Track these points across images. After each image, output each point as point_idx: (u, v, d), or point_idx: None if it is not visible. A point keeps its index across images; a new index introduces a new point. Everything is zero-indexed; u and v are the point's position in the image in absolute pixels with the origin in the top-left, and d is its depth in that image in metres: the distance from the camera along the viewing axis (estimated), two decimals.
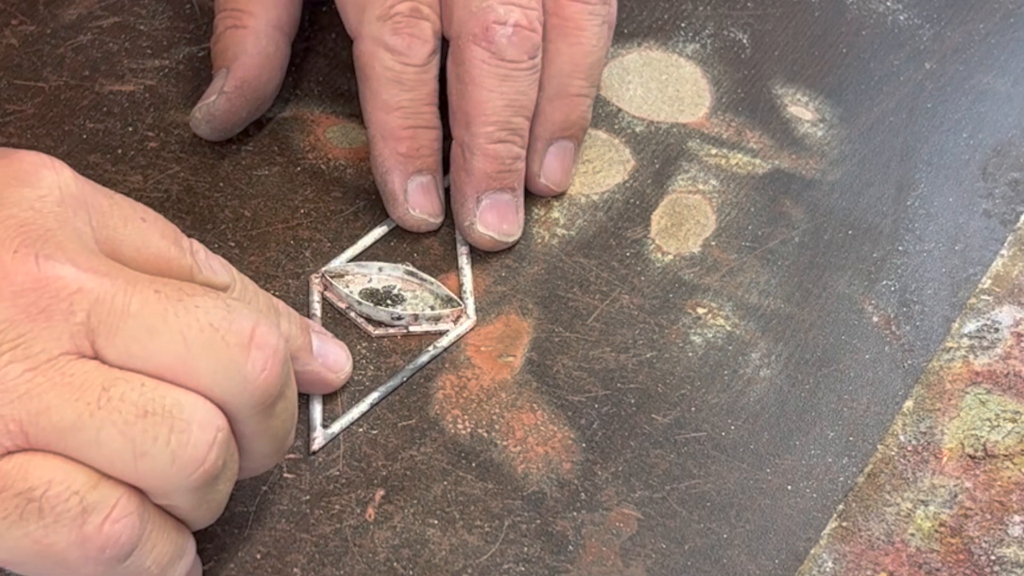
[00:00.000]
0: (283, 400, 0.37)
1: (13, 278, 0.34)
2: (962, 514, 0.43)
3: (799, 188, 0.51)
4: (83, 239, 0.35)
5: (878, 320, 0.48)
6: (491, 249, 0.48)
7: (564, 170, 0.49)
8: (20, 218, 0.34)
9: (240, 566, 0.41)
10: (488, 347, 0.46)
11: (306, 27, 0.54)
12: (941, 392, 0.46)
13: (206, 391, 0.35)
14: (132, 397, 0.34)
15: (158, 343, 0.34)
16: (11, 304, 0.33)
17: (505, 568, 0.41)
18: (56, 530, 0.33)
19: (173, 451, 0.34)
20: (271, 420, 0.37)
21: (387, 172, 0.48)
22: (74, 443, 0.33)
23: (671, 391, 0.46)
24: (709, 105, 0.53)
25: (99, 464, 0.34)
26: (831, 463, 0.44)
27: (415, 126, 0.47)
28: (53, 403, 0.33)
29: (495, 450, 0.44)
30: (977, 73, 0.55)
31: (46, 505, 0.33)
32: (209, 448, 0.34)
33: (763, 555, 0.42)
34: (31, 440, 0.33)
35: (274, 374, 0.35)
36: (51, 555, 0.34)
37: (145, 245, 0.37)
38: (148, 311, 0.34)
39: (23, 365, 0.33)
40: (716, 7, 0.56)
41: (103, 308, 0.34)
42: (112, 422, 0.33)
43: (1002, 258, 0.50)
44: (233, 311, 0.35)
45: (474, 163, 0.47)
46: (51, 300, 0.34)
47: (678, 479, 0.44)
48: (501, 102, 0.47)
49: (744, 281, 0.48)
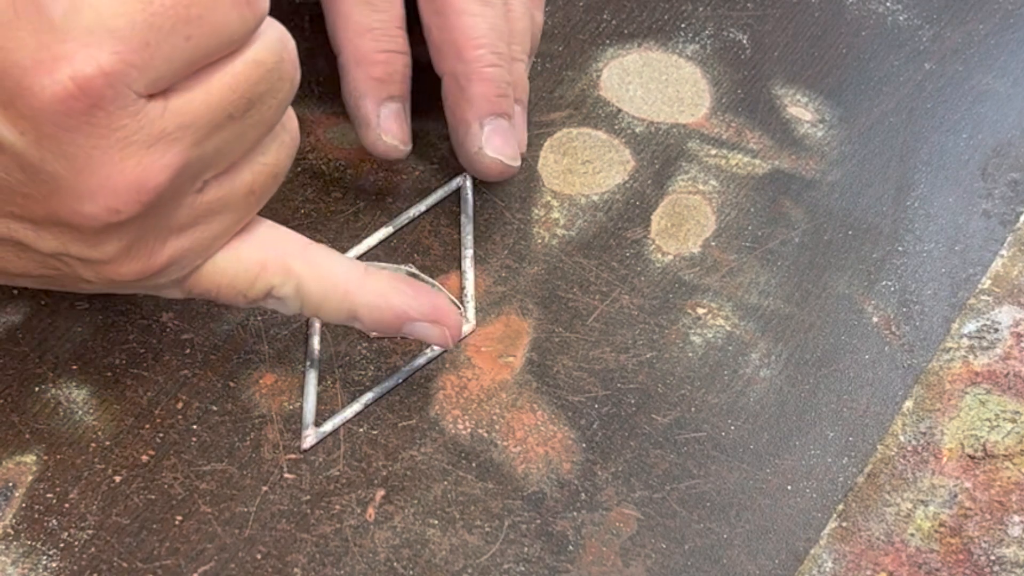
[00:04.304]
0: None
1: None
2: (962, 514, 0.43)
3: (799, 188, 0.51)
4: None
5: (878, 320, 0.48)
6: (499, 177, 0.48)
7: (520, 131, 0.49)
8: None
9: (240, 566, 0.41)
10: (488, 347, 0.46)
11: (306, 27, 0.54)
12: (941, 392, 0.46)
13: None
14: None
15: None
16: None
17: (505, 568, 0.41)
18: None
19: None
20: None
21: (360, 97, 0.47)
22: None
23: (671, 391, 0.46)
24: (709, 106, 0.54)
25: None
26: (831, 463, 0.44)
27: (388, 50, 0.47)
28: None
29: (495, 450, 0.44)
30: (977, 73, 0.55)
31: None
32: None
33: (763, 555, 0.42)
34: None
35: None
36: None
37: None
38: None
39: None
40: (716, 8, 0.56)
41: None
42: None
43: (1002, 258, 0.50)
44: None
45: (472, 89, 0.47)
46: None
47: (678, 479, 0.44)
48: (486, 25, 0.47)
49: (744, 281, 0.49)
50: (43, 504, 0.42)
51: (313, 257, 0.41)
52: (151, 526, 0.42)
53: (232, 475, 0.43)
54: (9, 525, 0.41)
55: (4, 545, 0.41)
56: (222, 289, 0.40)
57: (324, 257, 0.41)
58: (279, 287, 0.40)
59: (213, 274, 0.40)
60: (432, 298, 0.42)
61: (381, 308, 0.42)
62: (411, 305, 0.42)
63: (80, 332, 0.45)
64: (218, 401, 0.44)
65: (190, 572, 0.41)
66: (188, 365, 0.45)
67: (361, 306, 0.41)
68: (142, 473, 0.42)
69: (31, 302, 0.46)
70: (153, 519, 0.42)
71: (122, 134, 0.35)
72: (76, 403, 0.44)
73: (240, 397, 0.44)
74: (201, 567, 0.41)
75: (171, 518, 0.42)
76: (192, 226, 0.38)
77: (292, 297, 0.41)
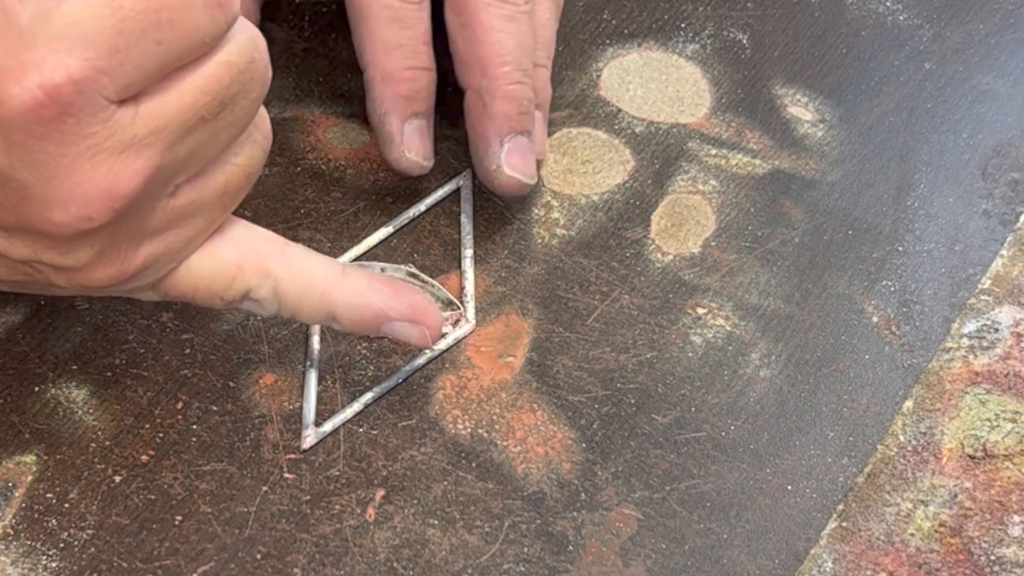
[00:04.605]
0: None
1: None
2: (962, 514, 0.43)
3: (799, 188, 0.51)
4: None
5: (878, 320, 0.48)
6: (516, 194, 0.48)
7: (540, 138, 0.50)
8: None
9: (240, 566, 0.41)
10: (488, 347, 0.46)
11: (306, 27, 0.54)
12: (941, 392, 0.46)
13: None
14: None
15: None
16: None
17: (505, 568, 0.41)
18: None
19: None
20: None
21: (385, 114, 0.48)
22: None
23: (671, 391, 0.46)
24: (709, 105, 0.54)
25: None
26: (831, 463, 0.44)
27: (415, 67, 0.47)
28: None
29: (495, 450, 0.44)
30: (977, 73, 0.55)
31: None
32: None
33: (763, 555, 0.42)
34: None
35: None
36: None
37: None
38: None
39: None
40: (716, 7, 0.56)
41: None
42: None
43: (1002, 258, 0.50)
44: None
45: (495, 107, 0.47)
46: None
47: (678, 479, 0.44)
48: (512, 42, 0.47)
49: (744, 281, 0.49)
50: (43, 504, 0.42)
51: (290, 257, 0.40)
52: (151, 526, 0.42)
53: (232, 475, 0.43)
54: (9, 525, 0.41)
55: (4, 545, 0.41)
56: (198, 292, 0.40)
57: (301, 257, 0.41)
58: (256, 289, 0.40)
59: (189, 277, 0.39)
60: (411, 297, 0.42)
61: (359, 307, 0.41)
62: (389, 304, 0.41)
63: (80, 332, 0.45)
64: (218, 401, 0.44)
65: (190, 572, 0.41)
66: (188, 365, 0.45)
67: (339, 306, 0.41)
68: (142, 473, 0.42)
69: (31, 302, 0.46)
70: (153, 519, 0.42)
71: (92, 141, 0.34)
72: (76, 403, 0.44)
73: (240, 397, 0.44)
74: (201, 567, 0.41)
75: (171, 518, 0.42)
76: (165, 230, 0.38)
77: (269, 299, 0.40)
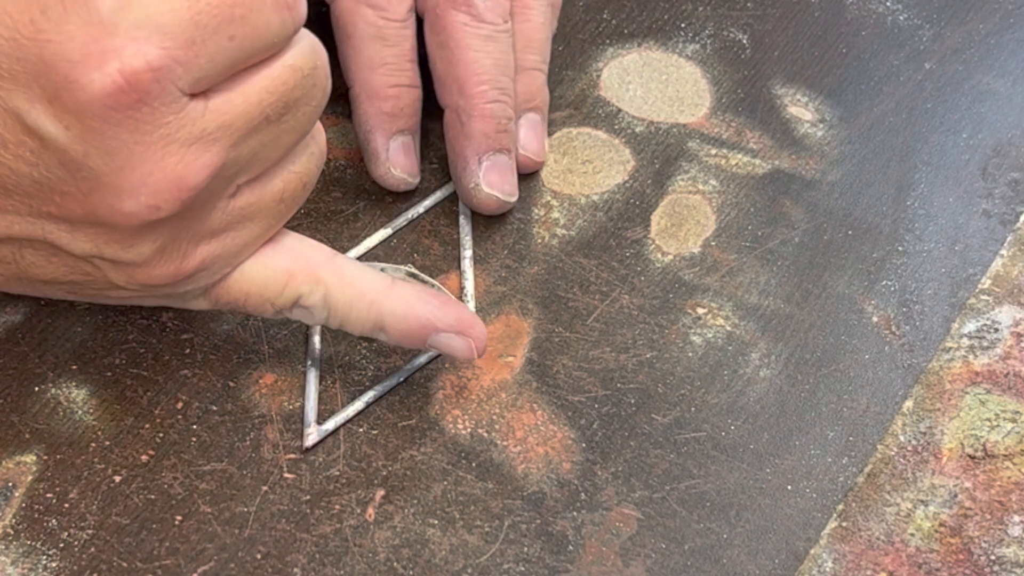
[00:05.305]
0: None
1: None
2: (962, 514, 0.43)
3: (799, 188, 0.51)
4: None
5: (878, 320, 0.48)
6: (495, 211, 0.48)
7: (539, 140, 0.50)
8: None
9: (240, 566, 0.41)
10: (488, 347, 0.46)
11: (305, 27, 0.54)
12: (941, 392, 0.46)
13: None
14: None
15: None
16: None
17: (505, 568, 0.41)
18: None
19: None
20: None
21: (370, 131, 0.48)
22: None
23: (671, 391, 0.46)
24: (709, 105, 0.54)
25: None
26: (831, 463, 0.44)
27: (399, 84, 0.48)
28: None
29: (495, 450, 0.44)
30: (977, 73, 0.55)
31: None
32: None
33: (763, 555, 0.42)
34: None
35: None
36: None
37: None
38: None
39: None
40: (716, 7, 0.56)
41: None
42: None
43: (1002, 258, 0.50)
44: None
45: (472, 125, 0.47)
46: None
47: (678, 479, 0.44)
48: (489, 61, 0.47)
49: (744, 281, 0.49)
50: (43, 504, 0.42)
51: (340, 267, 0.41)
52: (151, 526, 0.42)
53: (232, 475, 0.43)
54: (9, 525, 0.41)
55: (4, 545, 0.41)
56: (250, 298, 0.41)
57: (351, 267, 0.42)
58: (307, 296, 0.41)
59: (242, 282, 0.40)
60: (458, 309, 0.43)
61: (407, 318, 0.42)
62: (437, 316, 0.42)
63: (80, 332, 0.45)
64: (218, 401, 0.44)
65: (190, 572, 0.41)
66: (188, 365, 0.45)
67: (387, 315, 0.42)
68: (142, 473, 0.42)
69: (31, 302, 0.46)
70: (153, 519, 0.42)
71: (165, 131, 0.35)
72: (76, 403, 0.44)
73: (240, 397, 0.44)
74: (201, 567, 0.41)
75: (171, 518, 0.42)
76: (224, 231, 0.39)
77: (319, 306, 0.41)
